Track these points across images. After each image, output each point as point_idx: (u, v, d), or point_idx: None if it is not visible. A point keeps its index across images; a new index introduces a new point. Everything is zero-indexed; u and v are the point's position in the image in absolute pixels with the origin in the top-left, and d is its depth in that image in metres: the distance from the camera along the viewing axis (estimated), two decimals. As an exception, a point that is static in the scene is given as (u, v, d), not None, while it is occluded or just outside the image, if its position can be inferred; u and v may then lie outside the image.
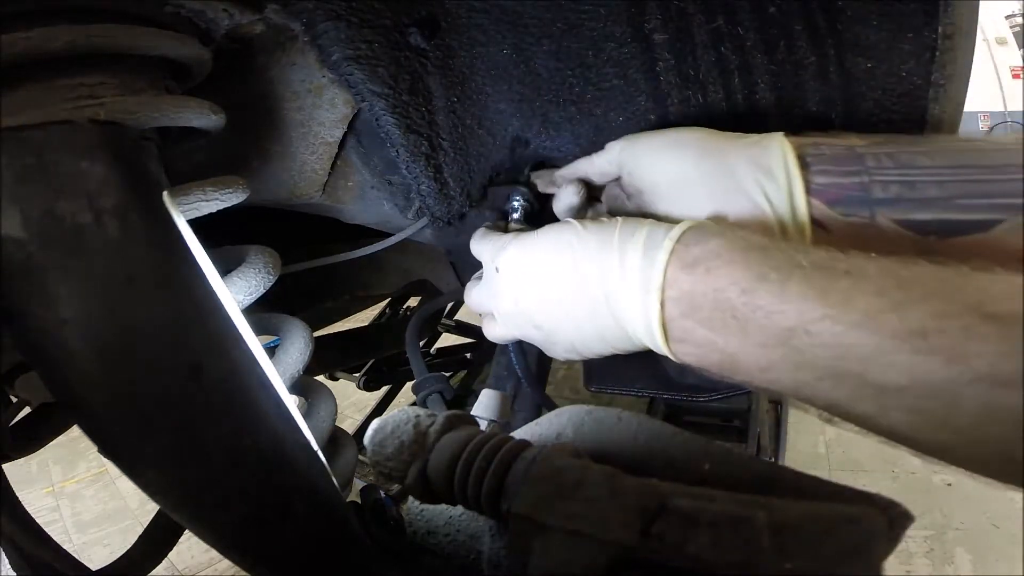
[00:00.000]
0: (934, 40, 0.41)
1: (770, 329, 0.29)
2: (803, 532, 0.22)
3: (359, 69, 0.44)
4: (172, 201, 0.30)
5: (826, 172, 0.38)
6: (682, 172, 0.41)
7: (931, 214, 0.36)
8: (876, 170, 0.37)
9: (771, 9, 0.44)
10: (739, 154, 0.40)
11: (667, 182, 0.42)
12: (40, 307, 0.25)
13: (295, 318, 0.45)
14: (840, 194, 0.38)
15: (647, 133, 0.45)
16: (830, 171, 0.38)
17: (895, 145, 0.38)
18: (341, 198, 0.55)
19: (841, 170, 0.38)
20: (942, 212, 0.36)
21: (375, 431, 0.31)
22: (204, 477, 0.28)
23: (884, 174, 0.37)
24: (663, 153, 0.43)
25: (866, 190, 0.37)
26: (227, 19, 0.38)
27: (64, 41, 0.27)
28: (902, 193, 0.37)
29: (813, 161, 0.39)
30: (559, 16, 0.48)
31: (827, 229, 0.38)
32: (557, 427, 0.34)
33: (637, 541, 0.23)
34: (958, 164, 0.36)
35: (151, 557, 0.44)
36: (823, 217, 0.38)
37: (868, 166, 0.37)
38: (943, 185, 0.36)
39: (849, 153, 0.38)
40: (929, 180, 0.36)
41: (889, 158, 0.37)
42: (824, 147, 0.39)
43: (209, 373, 0.28)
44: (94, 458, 2.30)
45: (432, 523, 0.34)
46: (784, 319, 0.29)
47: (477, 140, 0.53)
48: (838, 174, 0.38)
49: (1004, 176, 0.34)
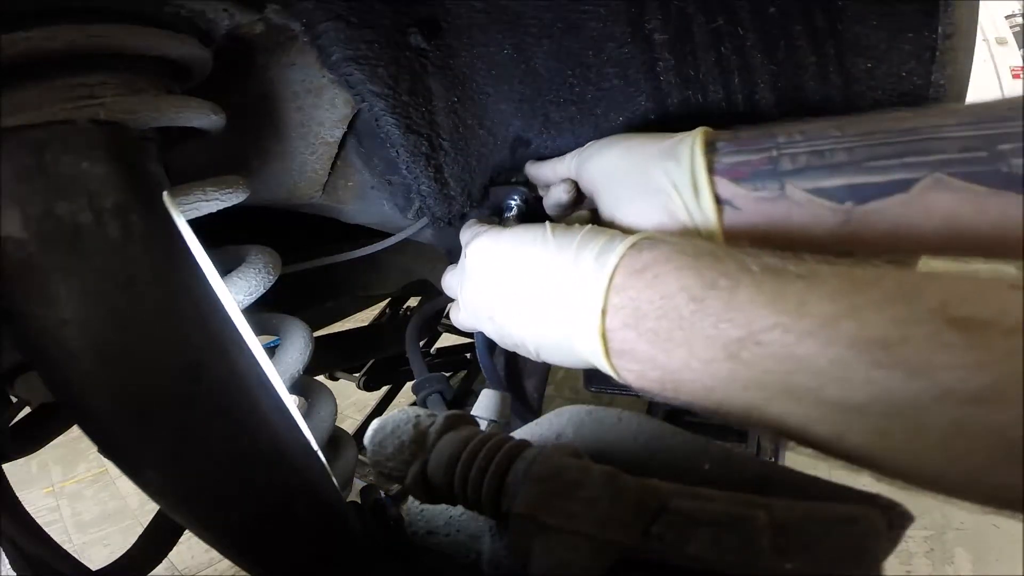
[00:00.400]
0: (934, 40, 0.41)
1: (718, 340, 0.27)
2: (803, 532, 0.22)
3: (359, 69, 0.44)
4: (172, 201, 0.30)
5: (735, 152, 0.38)
6: (611, 171, 0.43)
7: (842, 179, 0.35)
8: (786, 144, 0.37)
9: (771, 9, 0.44)
10: (655, 147, 0.41)
11: (603, 183, 0.44)
12: (40, 307, 0.25)
13: (295, 318, 0.45)
14: (748, 171, 0.38)
15: (602, 139, 0.46)
16: (740, 151, 0.38)
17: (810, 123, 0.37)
18: (341, 198, 0.55)
19: (751, 147, 0.38)
20: (852, 176, 0.34)
21: (375, 431, 0.31)
22: (204, 477, 0.28)
23: (793, 147, 0.37)
24: (599, 156, 0.44)
25: (775, 163, 0.37)
26: (227, 19, 0.38)
27: (64, 41, 0.27)
28: (811, 162, 0.36)
29: (724, 145, 0.39)
30: (559, 16, 0.48)
31: (737, 207, 0.38)
32: (557, 427, 0.34)
33: (637, 541, 0.23)
34: (869, 131, 0.35)
35: (151, 557, 0.44)
36: (732, 196, 0.38)
37: (778, 142, 0.37)
38: (852, 151, 0.35)
39: (762, 133, 0.38)
40: (838, 148, 0.35)
41: (801, 133, 0.37)
42: (742, 130, 0.39)
43: (209, 373, 0.28)
44: (94, 458, 2.30)
45: (432, 523, 0.34)
46: (733, 328, 0.26)
47: (478, 140, 0.53)
48: (747, 151, 0.38)
49: (917, 136, 0.33)
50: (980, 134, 0.31)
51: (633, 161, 0.42)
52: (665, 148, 0.40)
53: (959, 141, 0.32)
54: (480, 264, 0.41)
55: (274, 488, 0.30)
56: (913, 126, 0.33)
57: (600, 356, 0.32)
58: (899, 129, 0.34)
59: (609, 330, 0.31)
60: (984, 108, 0.32)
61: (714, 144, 0.39)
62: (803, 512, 0.23)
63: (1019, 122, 0.30)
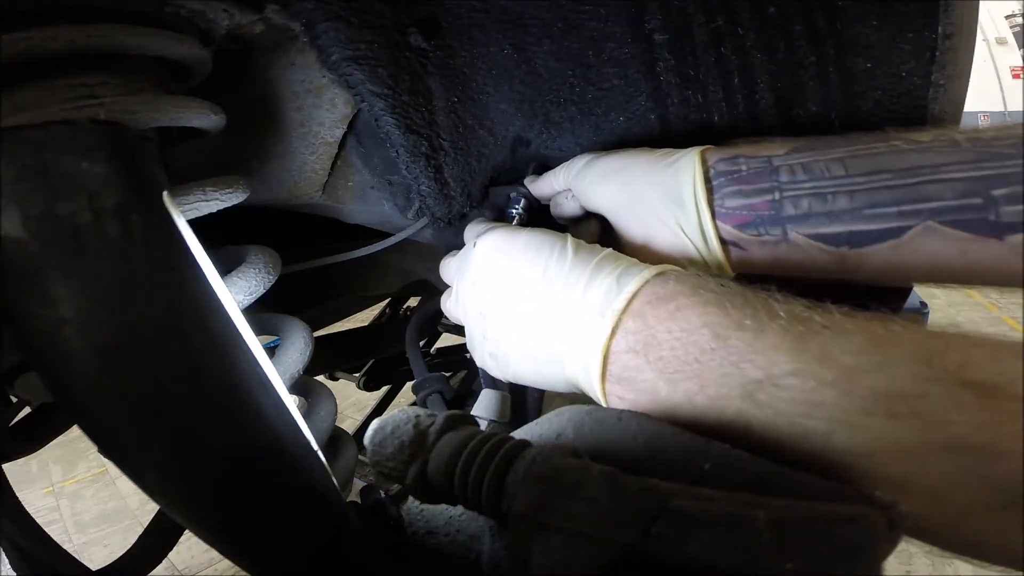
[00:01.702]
0: (934, 40, 0.41)
1: (735, 379, 0.28)
2: (803, 532, 0.22)
3: (359, 69, 0.44)
4: (172, 201, 0.30)
5: (736, 194, 0.39)
6: (615, 205, 0.44)
7: (841, 226, 0.36)
8: (788, 185, 0.38)
9: (771, 9, 0.44)
10: (653, 181, 0.42)
11: (607, 211, 0.45)
12: (40, 307, 0.25)
13: (295, 318, 0.45)
14: (750, 216, 0.39)
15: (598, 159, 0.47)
16: (742, 191, 0.39)
17: (812, 153, 0.38)
18: (341, 198, 0.55)
19: (752, 188, 0.39)
20: (851, 224, 0.36)
21: (375, 431, 0.31)
22: (203, 477, 0.28)
23: (796, 188, 0.38)
24: (599, 186, 0.45)
25: (777, 208, 0.38)
26: (227, 19, 0.38)
27: (64, 41, 0.27)
28: (813, 207, 0.37)
29: (724, 183, 0.40)
30: (559, 16, 0.48)
31: (742, 248, 0.40)
32: (557, 427, 0.34)
33: (637, 541, 0.23)
34: (872, 170, 0.36)
35: (151, 557, 0.44)
36: (736, 239, 0.40)
37: (781, 181, 0.38)
38: (853, 195, 0.36)
39: (763, 168, 0.39)
40: (841, 191, 0.36)
41: (804, 169, 0.38)
42: (741, 160, 0.40)
43: (209, 373, 0.28)
44: (94, 458, 2.31)
45: (432, 523, 0.34)
46: (753, 369, 0.27)
47: (478, 140, 0.53)
48: (749, 194, 0.39)
49: (914, 179, 0.34)
50: (979, 175, 0.33)
51: (634, 198, 0.43)
52: (664, 185, 0.41)
53: (957, 185, 0.33)
54: (487, 259, 0.40)
55: (274, 488, 0.30)
56: (915, 165, 0.35)
57: (594, 377, 0.32)
58: (901, 169, 0.35)
59: (613, 352, 0.31)
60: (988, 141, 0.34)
61: (713, 183, 0.40)
62: (803, 512, 0.23)
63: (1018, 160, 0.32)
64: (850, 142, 0.38)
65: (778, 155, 0.39)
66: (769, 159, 0.39)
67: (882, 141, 0.37)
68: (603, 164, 0.46)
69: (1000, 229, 0.32)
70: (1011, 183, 0.32)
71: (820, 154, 0.38)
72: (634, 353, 0.31)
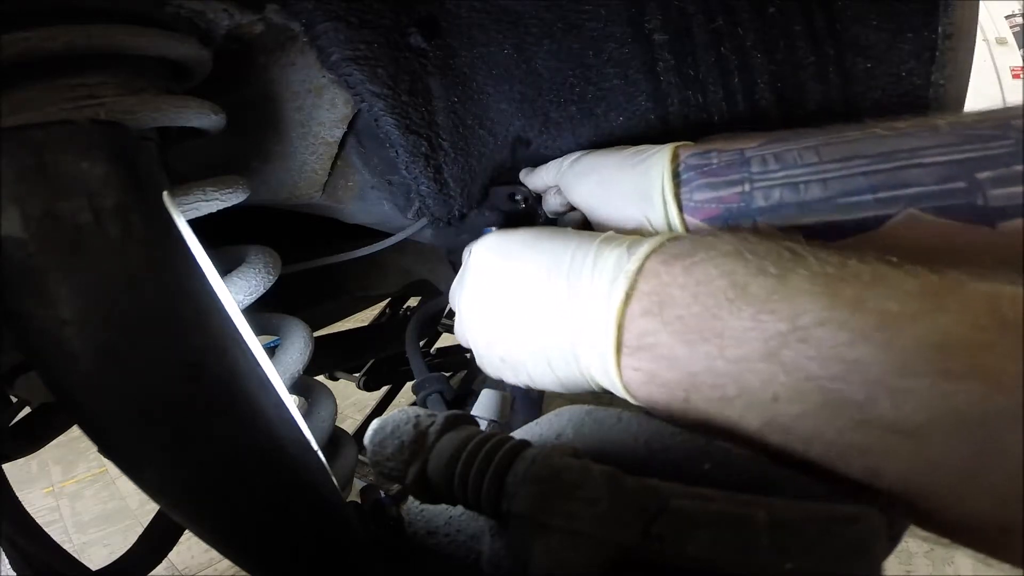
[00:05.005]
0: (934, 40, 0.42)
1: (755, 336, 0.23)
2: (803, 532, 0.22)
3: (358, 69, 0.44)
4: (172, 201, 0.30)
5: (704, 187, 0.38)
6: (593, 203, 0.45)
7: (814, 218, 0.34)
8: (759, 176, 0.36)
9: (771, 9, 0.44)
10: (624, 178, 0.42)
11: (583, 206, 0.46)
12: (40, 307, 0.25)
13: (295, 318, 0.45)
14: (718, 209, 0.38)
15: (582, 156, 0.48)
16: (711, 183, 0.38)
17: (786, 143, 0.36)
18: (341, 198, 0.55)
19: (721, 180, 0.38)
20: (825, 215, 0.34)
21: (375, 431, 0.31)
22: (204, 477, 0.28)
23: (768, 178, 0.36)
24: (579, 180, 0.46)
25: (748, 200, 0.36)
26: (227, 19, 0.38)
27: (64, 41, 0.27)
28: (784, 197, 0.35)
29: (693, 176, 0.39)
30: (559, 16, 0.48)
31: None
32: (557, 427, 0.34)
33: (637, 541, 0.23)
34: (847, 156, 0.33)
35: (151, 557, 0.44)
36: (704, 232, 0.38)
37: (752, 172, 0.36)
38: (827, 183, 0.33)
39: (734, 159, 0.37)
40: (814, 179, 0.34)
41: (776, 159, 0.36)
42: (713, 154, 0.39)
43: (209, 373, 0.28)
44: (94, 458, 2.30)
45: (432, 523, 0.34)
46: (775, 321, 0.23)
47: (478, 140, 0.53)
48: (718, 186, 0.38)
49: (891, 164, 0.32)
50: (961, 158, 0.30)
51: (607, 194, 0.43)
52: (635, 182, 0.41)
53: (938, 169, 0.31)
54: (485, 261, 0.38)
55: (274, 488, 0.30)
56: (891, 149, 0.32)
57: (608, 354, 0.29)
58: (877, 153, 0.32)
59: (628, 318, 0.28)
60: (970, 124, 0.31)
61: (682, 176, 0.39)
62: (803, 512, 0.23)
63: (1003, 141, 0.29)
64: (826, 131, 0.35)
65: (751, 147, 0.37)
66: (741, 151, 0.37)
67: (858, 129, 0.34)
68: (584, 161, 0.46)
69: (991, 215, 0.29)
70: (997, 165, 0.29)
71: (793, 143, 0.36)
72: (650, 316, 0.27)
